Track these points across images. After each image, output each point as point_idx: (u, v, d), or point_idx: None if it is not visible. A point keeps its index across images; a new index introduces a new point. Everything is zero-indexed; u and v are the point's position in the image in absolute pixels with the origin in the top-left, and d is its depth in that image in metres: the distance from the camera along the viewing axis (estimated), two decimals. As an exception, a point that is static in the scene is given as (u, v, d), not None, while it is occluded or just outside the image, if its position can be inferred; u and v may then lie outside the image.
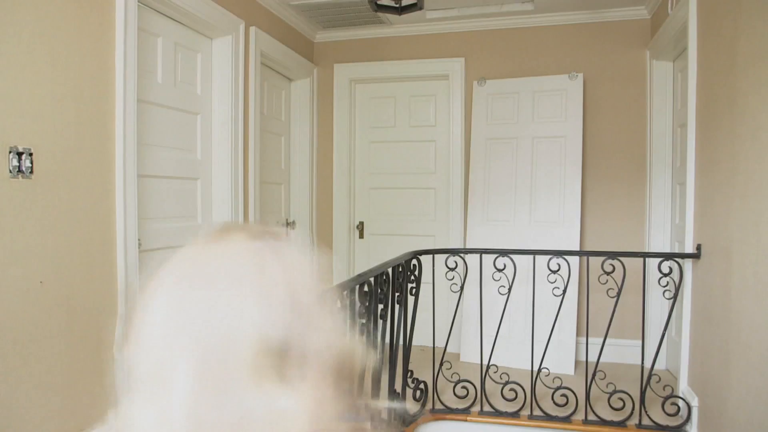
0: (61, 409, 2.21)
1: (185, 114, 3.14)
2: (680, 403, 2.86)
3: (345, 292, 1.85)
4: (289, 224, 4.44)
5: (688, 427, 2.78)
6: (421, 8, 2.11)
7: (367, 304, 2.03)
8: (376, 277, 2.16)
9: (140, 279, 2.63)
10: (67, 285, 2.22)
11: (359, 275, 1.99)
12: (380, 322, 2.33)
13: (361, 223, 4.61)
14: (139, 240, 2.62)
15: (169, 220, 3.02)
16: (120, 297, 2.48)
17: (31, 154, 2.05)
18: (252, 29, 3.54)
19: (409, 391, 3.02)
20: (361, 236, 4.62)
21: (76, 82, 2.26)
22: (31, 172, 2.06)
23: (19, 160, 2.01)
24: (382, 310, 2.34)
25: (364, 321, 2.05)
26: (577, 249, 3.83)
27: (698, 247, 2.83)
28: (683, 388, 2.93)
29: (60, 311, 2.19)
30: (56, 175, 2.18)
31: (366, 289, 2.02)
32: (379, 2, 2.06)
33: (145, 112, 2.77)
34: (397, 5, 2.09)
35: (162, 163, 2.94)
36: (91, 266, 2.35)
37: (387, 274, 2.35)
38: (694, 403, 2.75)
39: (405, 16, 3.81)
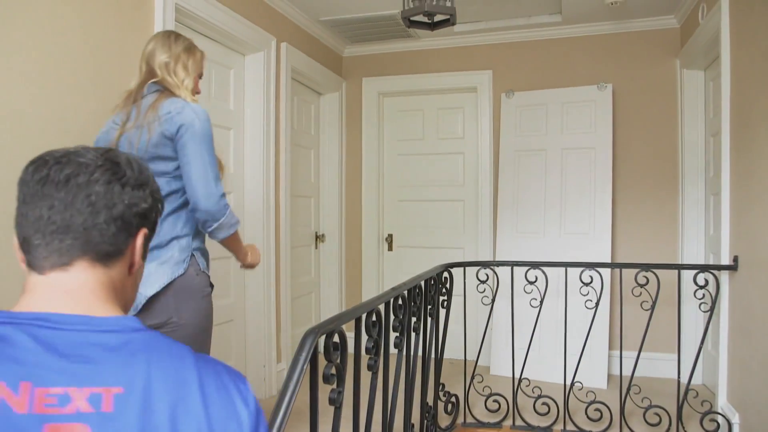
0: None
1: (219, 129, 3.19)
2: (720, 419, 2.80)
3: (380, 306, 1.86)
4: (319, 237, 4.48)
5: (727, 444, 2.72)
6: (453, 24, 2.13)
7: (401, 317, 2.03)
8: (409, 290, 2.17)
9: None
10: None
11: (393, 288, 2.00)
12: (413, 335, 2.33)
13: (390, 236, 4.62)
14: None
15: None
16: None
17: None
18: (283, 45, 3.61)
19: (440, 405, 3.01)
20: (390, 249, 4.63)
21: (116, 100, 2.32)
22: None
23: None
24: (415, 322, 2.34)
25: (397, 334, 2.06)
26: (608, 261, 3.79)
27: (735, 259, 2.78)
28: (722, 403, 2.87)
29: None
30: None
31: (400, 302, 2.03)
32: (412, 19, 2.09)
33: (180, 128, 2.83)
34: (430, 21, 2.12)
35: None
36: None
37: (420, 287, 2.35)
38: (735, 419, 2.69)
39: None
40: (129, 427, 0.67)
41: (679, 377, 2.88)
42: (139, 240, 0.84)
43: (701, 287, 2.77)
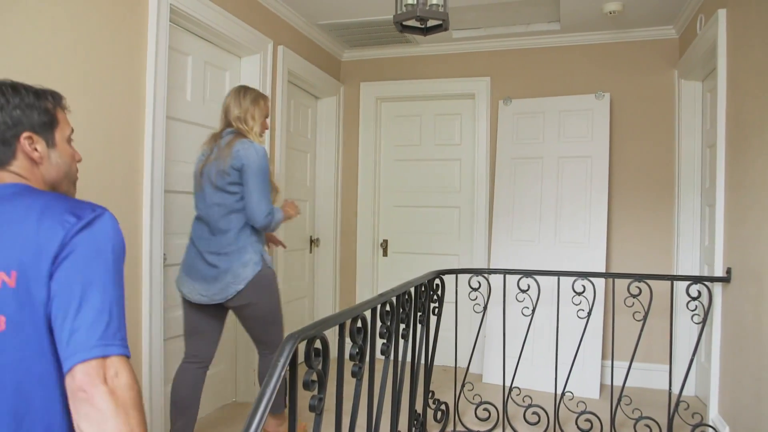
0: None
1: (213, 131, 3.18)
2: (710, 431, 2.78)
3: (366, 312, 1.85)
4: (314, 241, 4.46)
5: (718, 457, 2.70)
6: (446, 29, 2.11)
7: (389, 323, 2.02)
8: (398, 297, 2.16)
9: (164, 293, 2.67)
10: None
11: (380, 295, 1.98)
12: (402, 342, 2.32)
13: (385, 241, 4.61)
14: (164, 255, 2.66)
15: (194, 236, 3.05)
16: (144, 311, 2.52)
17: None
18: (280, 48, 3.60)
19: (429, 412, 2.99)
20: (385, 254, 4.62)
21: (108, 100, 2.32)
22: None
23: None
24: (404, 329, 2.33)
25: (384, 341, 2.04)
26: (603, 270, 3.78)
27: (728, 271, 2.76)
28: (713, 416, 2.85)
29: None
30: (85, 190, 2.22)
31: (388, 308, 2.01)
32: (404, 23, 2.08)
33: (173, 128, 2.83)
34: (423, 26, 2.11)
35: (189, 179, 2.98)
36: (117, 280, 2.38)
37: (409, 293, 2.34)
38: (725, 432, 2.68)
39: (431, 36, 3.84)
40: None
41: (670, 389, 2.86)
42: (22, 143, 1.14)
43: (694, 299, 2.75)
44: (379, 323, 1.97)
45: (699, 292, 2.77)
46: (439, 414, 3.00)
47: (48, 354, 1.00)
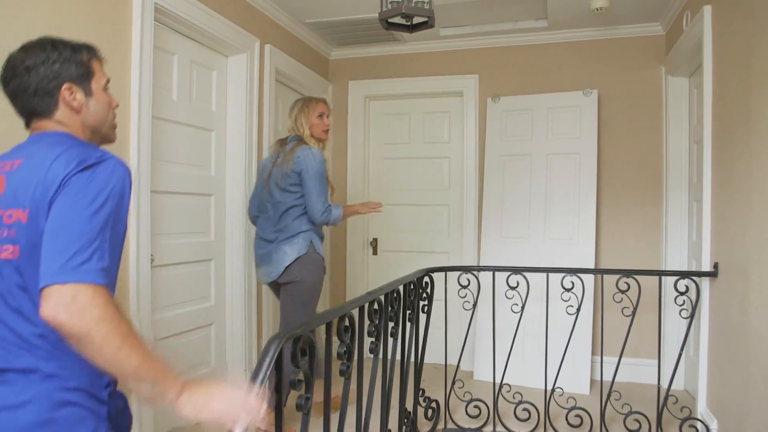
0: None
1: (200, 130, 3.17)
2: (699, 425, 2.80)
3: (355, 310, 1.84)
4: (303, 240, 4.45)
5: (706, 451, 2.71)
6: (431, 26, 2.11)
7: (377, 322, 2.01)
8: (386, 295, 2.15)
9: (152, 293, 2.65)
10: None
11: (369, 293, 1.98)
12: (391, 340, 2.31)
13: (375, 240, 4.61)
14: (151, 255, 2.64)
15: (182, 236, 3.04)
16: (132, 312, 2.50)
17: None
18: (267, 47, 3.59)
19: (420, 410, 2.99)
20: (375, 253, 4.61)
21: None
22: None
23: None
24: (393, 327, 2.32)
25: (373, 339, 2.04)
26: (592, 266, 3.79)
27: (715, 266, 2.78)
28: (702, 409, 2.86)
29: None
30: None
31: (376, 307, 2.00)
32: (390, 20, 2.08)
33: (160, 128, 2.81)
34: (408, 24, 2.11)
35: (176, 179, 2.97)
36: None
37: (398, 291, 2.34)
38: (713, 425, 2.69)
39: (419, 34, 3.83)
40: (27, 169, 1.17)
41: (659, 383, 2.87)
42: (63, 93, 1.26)
43: (682, 293, 2.77)
44: (367, 322, 1.96)
45: (687, 287, 2.79)
46: (429, 412, 3.00)
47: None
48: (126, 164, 1.21)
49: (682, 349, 2.84)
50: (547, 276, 2.97)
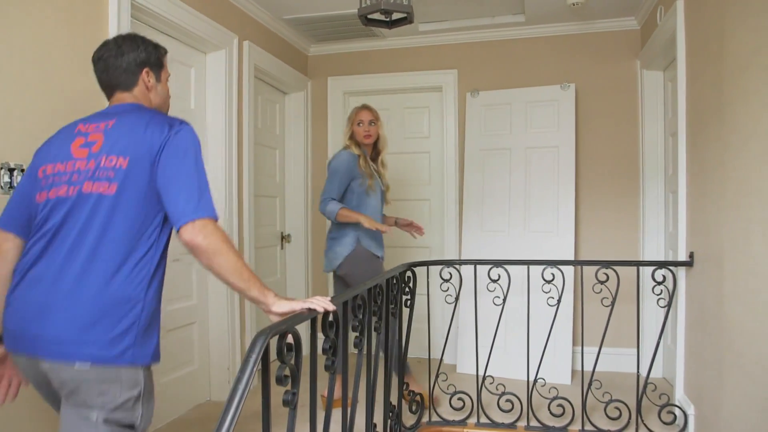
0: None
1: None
2: (677, 411, 2.86)
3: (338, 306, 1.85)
4: (285, 237, 4.44)
5: (684, 436, 2.78)
6: (411, 22, 2.12)
7: (361, 317, 2.02)
8: (369, 290, 2.16)
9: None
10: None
11: (352, 288, 1.99)
12: (375, 334, 2.33)
13: (357, 235, 4.61)
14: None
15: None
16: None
17: (23, 171, 2.05)
18: (245, 43, 3.57)
19: (405, 404, 3.01)
20: (357, 248, 4.61)
21: (69, 98, 2.27)
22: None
23: (11, 176, 2.02)
24: (376, 322, 2.33)
25: (357, 334, 2.05)
26: (572, 258, 3.85)
27: (691, 255, 2.84)
28: (679, 396, 2.93)
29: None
30: (49, 192, 2.18)
31: (359, 302, 2.01)
32: (369, 17, 2.08)
33: (138, 127, 2.78)
34: (387, 20, 2.11)
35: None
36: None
37: (381, 286, 2.35)
38: (691, 411, 2.75)
39: (398, 29, 3.83)
40: (121, 129, 1.54)
41: (638, 371, 2.93)
42: (143, 75, 1.68)
43: (659, 283, 2.82)
44: (351, 317, 1.98)
45: (664, 277, 2.84)
46: (414, 405, 3.02)
47: (141, 209, 1.50)
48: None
49: (659, 337, 2.90)
50: (528, 268, 3.00)
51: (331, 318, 1.70)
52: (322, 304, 1.62)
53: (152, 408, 1.53)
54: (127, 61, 1.65)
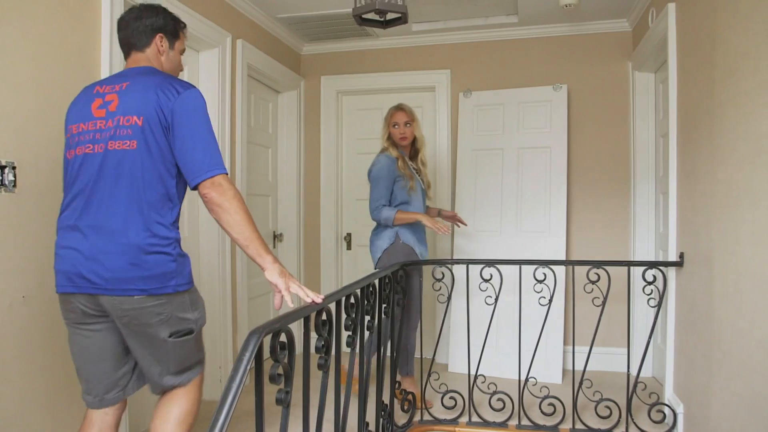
0: (45, 425, 2.19)
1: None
2: (666, 410, 2.89)
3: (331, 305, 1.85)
4: (277, 236, 4.44)
5: (674, 435, 2.80)
6: (405, 22, 2.13)
7: (354, 315, 2.03)
8: (362, 289, 2.17)
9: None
10: (50, 299, 2.20)
11: (345, 287, 1.99)
12: (367, 333, 2.33)
13: (349, 235, 4.62)
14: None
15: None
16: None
17: (14, 168, 2.04)
18: (239, 42, 3.56)
19: (396, 403, 3.01)
20: (349, 248, 4.62)
21: (61, 95, 2.25)
22: (14, 185, 2.05)
23: (2, 173, 2.01)
24: (369, 321, 2.34)
25: (350, 333, 2.05)
26: (564, 258, 3.87)
27: (681, 255, 2.86)
28: (669, 395, 2.95)
29: (43, 326, 2.18)
30: (40, 189, 2.17)
31: (352, 301, 2.02)
32: (363, 17, 2.08)
33: (130, 125, 2.77)
34: (382, 19, 2.12)
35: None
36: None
37: (373, 285, 2.35)
38: (680, 410, 2.78)
39: (391, 29, 3.85)
40: (135, 91, 1.72)
41: (629, 371, 2.95)
42: (156, 39, 1.88)
43: (650, 283, 2.84)
44: (344, 316, 1.98)
45: (654, 277, 2.86)
46: (406, 404, 3.03)
47: (158, 163, 1.70)
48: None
49: (650, 337, 2.92)
50: (520, 268, 3.02)
51: (324, 317, 1.71)
52: (311, 295, 1.68)
53: (202, 314, 1.84)
54: (144, 24, 1.86)
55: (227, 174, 1.72)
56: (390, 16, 2.10)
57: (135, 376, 1.87)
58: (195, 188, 1.70)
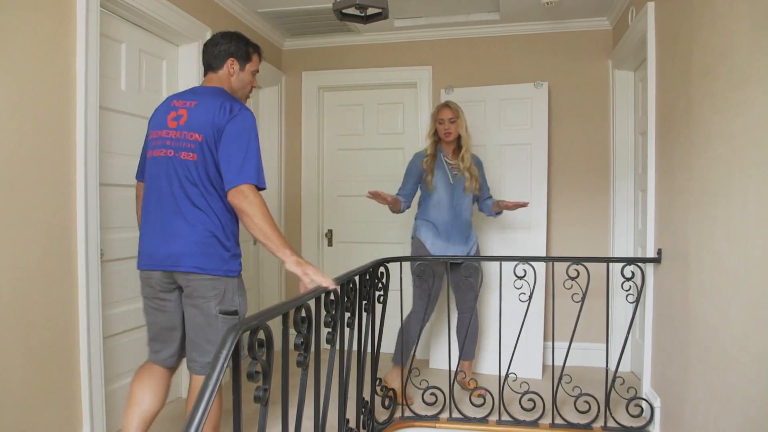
0: (18, 425, 2.15)
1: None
2: (644, 404, 2.92)
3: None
4: (258, 232, 4.41)
5: (651, 428, 2.84)
6: (386, 18, 2.12)
7: (333, 312, 2.02)
8: (342, 285, 2.16)
9: (102, 289, 2.59)
10: (24, 297, 2.17)
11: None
12: (347, 330, 2.33)
13: (330, 231, 4.60)
14: (101, 250, 2.57)
15: (133, 230, 2.95)
16: (81, 309, 2.43)
17: (-13, 163, 2.01)
18: (218, 36, 3.51)
19: (377, 399, 3.01)
20: (330, 244, 4.61)
21: (35, 89, 2.22)
22: (-12, 181, 2.02)
23: (-25, 169, 1.98)
24: (349, 318, 2.33)
25: (330, 330, 2.04)
26: (544, 254, 3.89)
27: (659, 252, 2.90)
28: (646, 389, 2.99)
29: (17, 324, 2.14)
30: (14, 184, 2.13)
31: (332, 297, 2.01)
32: (344, 11, 2.07)
33: (108, 119, 2.73)
34: (362, 15, 2.11)
35: (127, 172, 2.89)
36: (50, 277, 2.30)
37: (354, 282, 2.35)
38: (657, 404, 2.82)
39: (373, 25, 3.82)
40: (200, 110, 2.08)
41: (607, 366, 2.98)
42: (228, 62, 2.22)
43: (628, 279, 2.87)
44: (323, 312, 1.97)
45: (633, 273, 2.90)
46: (387, 400, 3.03)
47: (214, 171, 2.06)
48: (252, 112, 2.11)
49: (628, 332, 2.96)
50: (500, 264, 3.03)
51: (303, 314, 1.70)
52: (321, 280, 1.93)
53: (246, 301, 2.19)
54: (219, 49, 2.22)
55: (253, 184, 2.00)
56: (370, 11, 2.10)
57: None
58: (227, 195, 2.04)
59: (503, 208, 3.42)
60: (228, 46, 2.22)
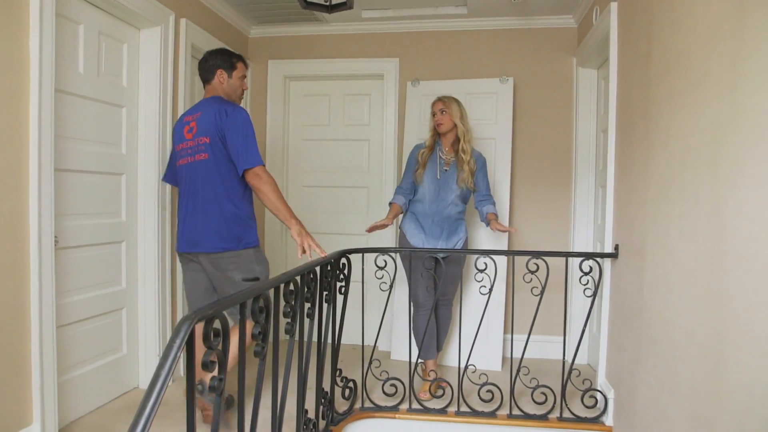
0: None
1: (109, 106, 3.02)
2: (598, 395, 2.99)
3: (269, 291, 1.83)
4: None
5: (604, 419, 2.91)
6: (351, 8, 2.11)
7: (293, 302, 2.01)
8: (302, 276, 2.15)
9: (56, 277, 2.52)
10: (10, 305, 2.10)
11: (284, 274, 1.97)
12: (307, 321, 2.32)
13: (295, 222, 4.56)
14: (56, 237, 2.50)
15: (90, 217, 2.90)
16: (33, 298, 2.36)
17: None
18: (182, 21, 3.45)
19: (338, 390, 3.02)
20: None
21: (-13, 70, 2.14)
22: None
23: None
24: (309, 308, 2.33)
25: (289, 320, 2.03)
26: (506, 248, 3.94)
27: (616, 247, 2.96)
28: (601, 381, 3.06)
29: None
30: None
31: (291, 287, 2.00)
32: (308, 0, 2.05)
33: (64, 103, 2.65)
34: (327, 3, 2.09)
35: (83, 157, 2.82)
36: None
37: (314, 272, 2.34)
38: (611, 395, 2.89)
39: (340, 15, 3.80)
40: (204, 118, 2.64)
41: (564, 358, 3.04)
42: (217, 73, 2.78)
43: (586, 273, 2.93)
44: (282, 303, 1.96)
45: (591, 268, 2.95)
46: (347, 391, 3.04)
47: (223, 167, 2.58)
48: (244, 109, 2.68)
49: (585, 326, 3.02)
50: (464, 258, 3.05)
51: (261, 303, 1.69)
52: (316, 250, 2.52)
53: (266, 267, 2.72)
54: (209, 64, 2.77)
55: (263, 165, 2.54)
56: (335, 0, 2.08)
57: None
58: (243, 176, 2.55)
59: (495, 228, 3.29)
60: (215, 60, 2.74)
